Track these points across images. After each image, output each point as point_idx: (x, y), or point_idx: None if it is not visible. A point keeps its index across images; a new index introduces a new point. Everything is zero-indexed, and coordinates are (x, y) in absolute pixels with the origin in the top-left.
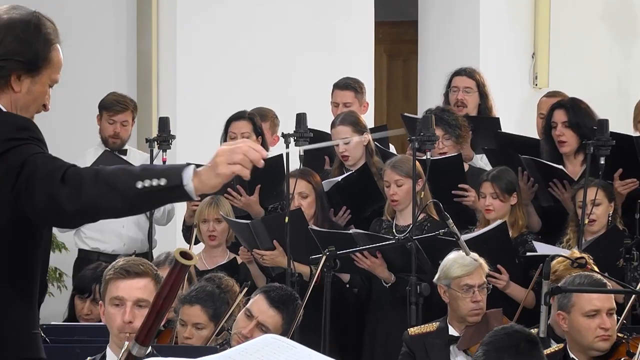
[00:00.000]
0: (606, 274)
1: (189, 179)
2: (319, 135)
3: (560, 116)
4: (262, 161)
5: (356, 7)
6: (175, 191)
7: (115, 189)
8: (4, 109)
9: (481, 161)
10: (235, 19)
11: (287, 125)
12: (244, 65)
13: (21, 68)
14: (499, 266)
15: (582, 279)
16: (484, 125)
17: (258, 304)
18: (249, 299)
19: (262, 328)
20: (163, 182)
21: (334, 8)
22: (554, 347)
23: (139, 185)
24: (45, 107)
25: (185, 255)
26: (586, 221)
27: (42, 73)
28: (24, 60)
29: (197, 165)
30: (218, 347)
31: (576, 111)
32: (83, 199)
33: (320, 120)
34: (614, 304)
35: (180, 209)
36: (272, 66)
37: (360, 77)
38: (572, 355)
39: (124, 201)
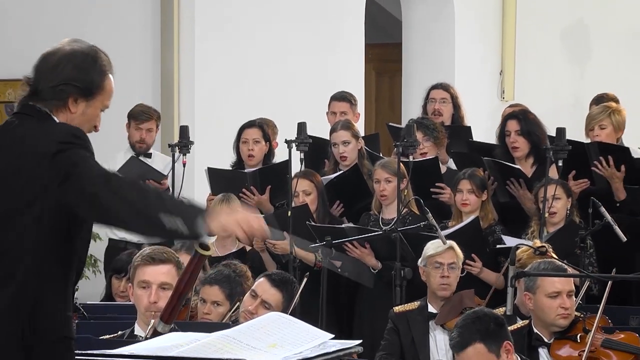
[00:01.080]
0: (565, 261)
1: (204, 232)
2: (317, 141)
3: (513, 125)
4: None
5: (349, 31)
6: (189, 239)
7: (141, 212)
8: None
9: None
10: (245, 41)
11: (290, 131)
12: (253, 80)
13: (78, 93)
14: (473, 255)
15: (545, 264)
16: (458, 133)
17: (262, 285)
18: None
19: (266, 305)
20: (185, 230)
21: (330, 32)
22: (520, 323)
23: (165, 220)
24: (95, 128)
25: (203, 246)
26: (547, 215)
27: (96, 98)
28: (81, 86)
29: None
30: (231, 323)
31: (527, 121)
32: (116, 202)
33: (317, 127)
34: (573, 286)
35: None
36: (277, 81)
37: (353, 91)
38: (536, 331)
39: (143, 226)
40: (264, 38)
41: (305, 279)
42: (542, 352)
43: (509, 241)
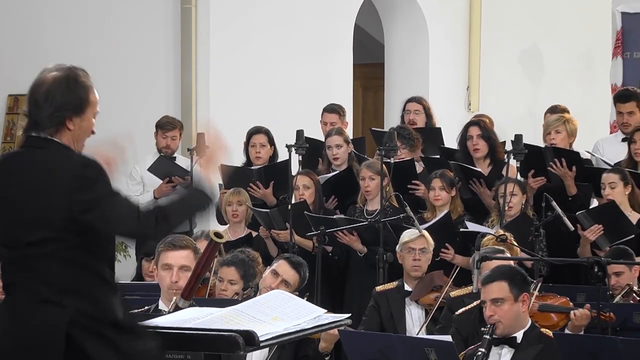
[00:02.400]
0: (521, 248)
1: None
2: (314, 143)
3: (475, 131)
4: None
5: (340, 53)
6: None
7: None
8: (68, 144)
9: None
10: (252, 63)
11: (290, 136)
12: (259, 94)
13: (72, 113)
14: (447, 244)
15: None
16: (430, 134)
17: (282, 266)
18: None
19: (285, 283)
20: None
21: (324, 54)
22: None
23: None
24: (92, 133)
25: (217, 235)
26: (505, 208)
27: (87, 112)
28: (72, 107)
29: None
30: (240, 300)
31: (485, 127)
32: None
33: (312, 133)
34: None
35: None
36: (279, 94)
37: (343, 103)
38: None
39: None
40: (269, 59)
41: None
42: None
43: (472, 227)
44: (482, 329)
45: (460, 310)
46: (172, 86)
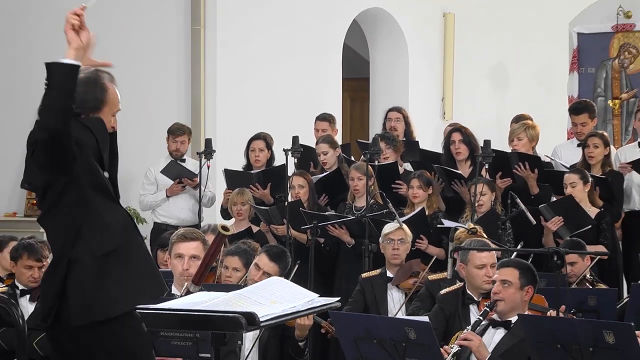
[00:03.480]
0: (490, 239)
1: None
2: (307, 149)
3: (457, 136)
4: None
5: (330, 69)
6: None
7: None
8: None
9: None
10: (254, 77)
11: (287, 142)
12: (260, 105)
13: (89, 109)
14: (421, 235)
15: (475, 242)
16: (410, 145)
17: (262, 259)
18: None
19: (266, 275)
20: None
21: (316, 70)
22: (458, 284)
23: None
24: (113, 129)
25: (224, 228)
26: (476, 204)
27: (103, 110)
28: (89, 105)
29: None
30: (243, 285)
31: (466, 133)
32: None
33: (306, 139)
34: (496, 260)
35: (218, 198)
36: (278, 104)
37: (333, 112)
38: (468, 292)
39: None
40: (269, 74)
41: (296, 266)
42: (472, 308)
43: (447, 223)
44: (485, 303)
45: (445, 290)
46: (183, 97)
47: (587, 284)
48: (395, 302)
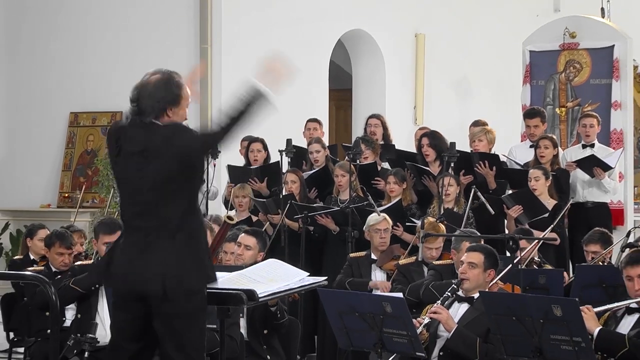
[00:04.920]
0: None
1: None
2: (300, 150)
3: (425, 141)
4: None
5: (319, 81)
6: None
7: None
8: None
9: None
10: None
11: (281, 142)
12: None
13: (170, 105)
14: (397, 223)
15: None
16: (387, 147)
17: (241, 237)
18: None
19: (247, 247)
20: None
21: (307, 82)
22: (447, 260)
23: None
24: (185, 119)
25: (230, 218)
26: (443, 196)
27: (181, 103)
28: (170, 100)
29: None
30: (244, 266)
31: (435, 137)
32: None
33: (298, 139)
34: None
35: (221, 193)
36: (274, 112)
37: (321, 118)
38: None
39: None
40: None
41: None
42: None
43: (417, 221)
44: (453, 281)
45: (439, 262)
46: (193, 108)
47: (535, 265)
48: (378, 280)
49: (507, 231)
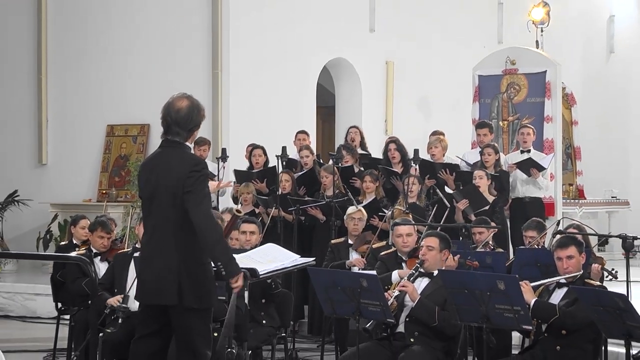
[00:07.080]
0: (418, 217)
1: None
2: (291, 161)
3: (392, 146)
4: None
5: (307, 99)
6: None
7: (219, 242)
8: (188, 144)
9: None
10: (257, 106)
11: (277, 149)
12: (261, 124)
13: (197, 127)
14: (374, 216)
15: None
16: (364, 155)
17: (243, 225)
18: None
19: (251, 233)
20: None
21: (298, 100)
22: (392, 249)
23: (218, 254)
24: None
25: (238, 211)
26: (408, 192)
27: (200, 124)
28: (198, 124)
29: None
30: (249, 248)
31: (398, 144)
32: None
33: (290, 148)
34: (412, 231)
35: (228, 190)
36: (272, 124)
37: (308, 130)
38: (399, 254)
39: (210, 246)
40: (268, 103)
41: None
42: (403, 265)
43: (387, 211)
44: (417, 261)
45: (383, 253)
46: (206, 119)
47: (489, 248)
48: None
49: (457, 221)
